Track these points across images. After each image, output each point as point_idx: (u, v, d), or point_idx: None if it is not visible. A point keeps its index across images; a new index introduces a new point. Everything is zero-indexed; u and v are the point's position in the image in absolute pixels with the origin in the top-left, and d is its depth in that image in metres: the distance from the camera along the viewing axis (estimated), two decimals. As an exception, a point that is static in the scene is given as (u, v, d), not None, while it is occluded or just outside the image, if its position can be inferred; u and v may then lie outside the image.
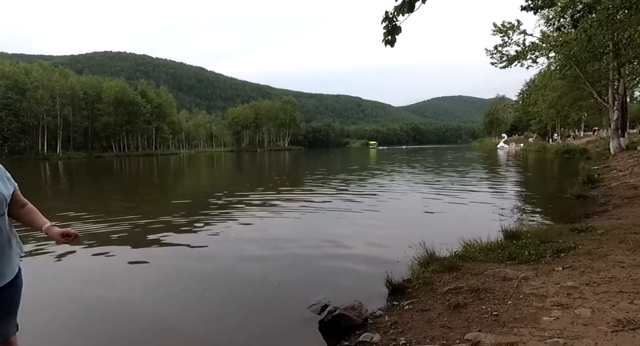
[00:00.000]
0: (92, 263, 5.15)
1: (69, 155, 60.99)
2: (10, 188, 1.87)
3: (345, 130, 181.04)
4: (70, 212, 8.98)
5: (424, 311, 3.05)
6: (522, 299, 2.98)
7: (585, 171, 12.79)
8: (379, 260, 4.78)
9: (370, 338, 2.73)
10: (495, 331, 2.49)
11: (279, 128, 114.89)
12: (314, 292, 3.74)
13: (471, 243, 4.66)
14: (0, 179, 1.84)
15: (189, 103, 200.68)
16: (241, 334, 3.10)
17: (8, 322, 1.87)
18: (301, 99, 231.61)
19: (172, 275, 4.66)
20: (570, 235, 4.90)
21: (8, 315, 1.86)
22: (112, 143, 75.29)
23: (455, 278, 3.66)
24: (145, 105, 76.45)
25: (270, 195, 11.43)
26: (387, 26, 3.84)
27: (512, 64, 19.42)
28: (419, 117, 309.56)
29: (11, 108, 56.28)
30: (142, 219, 8.12)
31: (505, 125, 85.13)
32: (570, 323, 2.48)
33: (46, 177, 22.60)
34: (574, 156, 26.21)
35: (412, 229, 6.73)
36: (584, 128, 50.44)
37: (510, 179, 16.04)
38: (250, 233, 6.76)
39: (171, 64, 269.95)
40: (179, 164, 36.78)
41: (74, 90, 67.77)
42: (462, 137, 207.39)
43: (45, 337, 3.06)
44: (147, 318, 3.45)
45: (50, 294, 3.89)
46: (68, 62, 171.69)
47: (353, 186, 13.76)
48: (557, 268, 3.61)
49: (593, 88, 20.07)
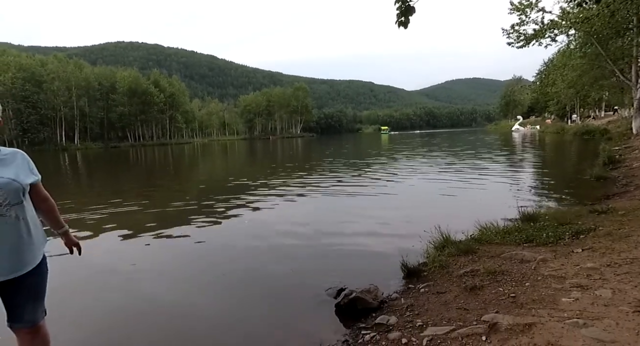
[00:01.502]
0: (110, 249, 5.29)
1: (87, 146, 62.12)
2: (31, 178, 1.89)
3: (357, 115, 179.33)
4: (89, 200, 9.21)
5: (440, 293, 3.06)
6: (540, 281, 2.96)
7: (605, 152, 12.43)
8: (394, 244, 4.78)
9: (386, 320, 2.75)
10: (513, 312, 2.48)
11: (291, 115, 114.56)
12: (330, 276, 3.77)
13: (487, 226, 4.62)
14: (21, 167, 1.86)
15: (201, 91, 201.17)
16: (259, 318, 3.16)
17: (36, 308, 1.93)
18: (313, 85, 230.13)
19: (188, 262, 4.76)
20: (590, 217, 4.81)
21: (35, 300, 1.92)
22: (127, 133, 76.34)
23: (471, 261, 3.64)
24: (158, 95, 76.96)
25: (283, 182, 11.48)
26: (400, 7, 3.74)
27: (529, 43, 18.77)
28: (433, 101, 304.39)
29: (29, 100, 57.30)
30: (157, 207, 8.28)
31: (522, 107, 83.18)
32: (591, 304, 2.45)
33: (66, 168, 23.15)
34: (594, 137, 25.50)
35: (426, 213, 6.70)
36: (604, 108, 48.89)
37: (526, 161, 15.74)
38: (264, 220, 6.83)
39: (183, 53, 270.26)
40: (193, 153, 37.17)
41: (88, 81, 68.56)
42: (477, 120, 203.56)
43: (69, 322, 3.17)
44: (166, 304, 3.54)
45: (70, 281, 4.02)
46: (82, 53, 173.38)
47: (366, 171, 13.70)
48: (576, 250, 3.55)
49: (615, 66, 19.31)
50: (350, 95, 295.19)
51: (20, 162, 1.88)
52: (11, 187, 1.76)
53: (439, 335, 2.37)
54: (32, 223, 1.88)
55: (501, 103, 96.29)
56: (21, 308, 1.87)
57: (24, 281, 1.83)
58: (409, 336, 2.46)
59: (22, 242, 1.80)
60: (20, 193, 1.80)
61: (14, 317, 1.88)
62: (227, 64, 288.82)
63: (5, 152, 1.86)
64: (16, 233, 1.78)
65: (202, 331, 2.98)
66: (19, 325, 1.90)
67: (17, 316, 1.88)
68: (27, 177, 1.87)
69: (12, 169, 1.82)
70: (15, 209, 1.78)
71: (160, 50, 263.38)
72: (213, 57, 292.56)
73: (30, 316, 1.91)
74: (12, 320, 1.89)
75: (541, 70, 41.51)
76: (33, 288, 1.89)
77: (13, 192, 1.77)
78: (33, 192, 1.95)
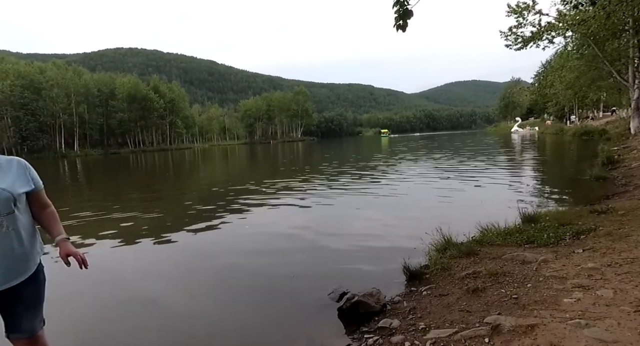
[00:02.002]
0: (110, 255, 5.30)
1: (86, 152, 62.11)
2: (25, 187, 1.84)
3: (358, 119, 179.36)
4: (89, 206, 9.22)
5: (442, 296, 3.06)
6: (541, 282, 2.96)
7: (604, 152, 12.45)
8: (395, 247, 4.79)
9: (389, 323, 2.75)
10: (515, 313, 2.48)
11: (291, 120, 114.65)
12: (331, 280, 3.77)
13: (488, 228, 4.63)
14: (17, 176, 1.83)
15: (201, 97, 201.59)
16: (262, 322, 3.17)
17: (34, 317, 1.90)
18: (313, 89, 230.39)
19: (190, 267, 4.76)
20: (590, 217, 4.82)
21: (32, 309, 1.89)
22: (127, 139, 76.41)
23: (473, 262, 3.65)
24: (158, 101, 77.12)
25: (283, 185, 11.49)
26: (399, 10, 3.77)
27: (527, 45, 18.87)
28: (433, 104, 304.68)
29: (28, 107, 57.36)
30: (158, 212, 8.29)
31: (521, 108, 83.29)
32: (592, 304, 2.46)
33: (65, 174, 23.16)
34: (593, 137, 25.52)
35: (427, 215, 6.70)
36: (602, 109, 48.97)
37: (526, 162, 15.76)
38: (266, 224, 6.83)
39: (182, 58, 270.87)
40: (193, 158, 37.19)
41: (88, 88, 68.72)
42: (476, 122, 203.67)
43: (68, 328, 3.17)
44: (168, 308, 3.54)
45: (71, 285, 4.02)
46: (81, 60, 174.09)
47: (367, 174, 13.72)
48: (577, 250, 3.56)
49: (612, 67, 19.39)
50: (350, 98, 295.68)
51: (16, 170, 1.84)
52: (1, 197, 1.71)
53: (442, 338, 2.38)
54: (25, 233, 1.83)
55: (500, 105, 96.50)
56: (18, 317, 1.84)
57: (20, 291, 1.81)
58: (412, 339, 2.46)
59: (14, 252, 1.76)
60: (12, 203, 1.75)
61: (11, 327, 1.86)
62: (227, 69, 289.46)
63: (1, 160, 1.82)
64: (7, 243, 1.73)
65: (204, 335, 2.98)
66: (16, 335, 1.87)
67: (14, 326, 1.85)
68: (22, 186, 1.82)
69: (7, 178, 1.78)
70: (6, 219, 1.73)
71: (160, 55, 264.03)
72: (213, 62, 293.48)
73: (28, 326, 1.88)
74: (10, 330, 1.86)
75: (539, 72, 41.56)
76: (30, 298, 1.87)
77: (3, 201, 1.72)
78: (33, 199, 1.92)
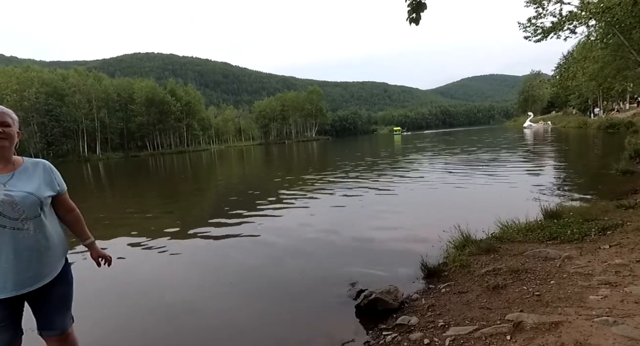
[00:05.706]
0: (126, 255, 5.40)
1: (108, 156, 63.74)
2: (50, 190, 1.88)
3: (372, 117, 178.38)
4: (111, 208, 9.44)
5: (461, 293, 3.00)
6: (566, 278, 2.87)
7: (632, 145, 12.00)
8: (413, 245, 4.72)
9: (407, 320, 2.71)
10: (539, 311, 2.41)
11: (305, 119, 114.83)
12: (348, 278, 3.76)
13: (508, 224, 4.52)
14: (43, 180, 1.86)
15: (216, 99, 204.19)
16: (281, 320, 3.17)
17: (64, 315, 1.99)
18: (326, 88, 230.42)
19: (209, 266, 4.81)
20: (617, 212, 4.65)
21: (63, 308, 1.98)
22: (146, 142, 77.95)
23: (493, 259, 3.56)
24: (175, 104, 78.40)
25: (299, 184, 11.50)
26: (412, 3, 3.70)
27: (547, 36, 18.25)
28: (449, 99, 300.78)
29: (53, 114, 59.28)
30: (175, 213, 8.42)
31: (542, 102, 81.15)
32: (620, 301, 2.36)
33: (88, 177, 23.80)
34: (619, 130, 24.66)
35: (445, 212, 6.59)
36: (629, 100, 47.22)
37: (547, 156, 15.34)
38: (283, 222, 6.85)
39: (197, 61, 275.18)
40: (210, 160, 37.66)
41: (108, 93, 70.44)
42: (495, 118, 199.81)
43: (91, 329, 3.24)
44: (188, 307, 3.58)
45: (92, 285, 4.11)
46: (100, 66, 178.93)
47: (382, 171, 13.61)
48: (603, 246, 3.43)
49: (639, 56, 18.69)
50: (364, 96, 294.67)
51: (41, 174, 1.87)
52: (28, 201, 1.74)
53: (461, 335, 2.32)
54: (51, 235, 1.86)
55: (519, 99, 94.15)
56: (50, 316, 1.93)
57: (50, 291, 1.87)
58: (431, 336, 2.42)
59: (41, 254, 1.80)
60: (38, 206, 1.78)
61: (43, 325, 1.94)
62: (241, 71, 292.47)
63: (28, 164, 1.87)
64: (34, 246, 1.77)
65: (224, 332, 3.01)
66: (49, 333, 1.95)
67: (46, 325, 1.94)
68: (48, 190, 1.86)
69: (33, 182, 1.81)
70: (33, 222, 1.76)
71: (175, 59, 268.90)
72: (227, 64, 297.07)
73: (59, 324, 1.96)
74: (42, 328, 1.94)
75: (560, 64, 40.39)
76: (60, 297, 1.94)
77: (30, 205, 1.75)
78: (58, 202, 1.96)
